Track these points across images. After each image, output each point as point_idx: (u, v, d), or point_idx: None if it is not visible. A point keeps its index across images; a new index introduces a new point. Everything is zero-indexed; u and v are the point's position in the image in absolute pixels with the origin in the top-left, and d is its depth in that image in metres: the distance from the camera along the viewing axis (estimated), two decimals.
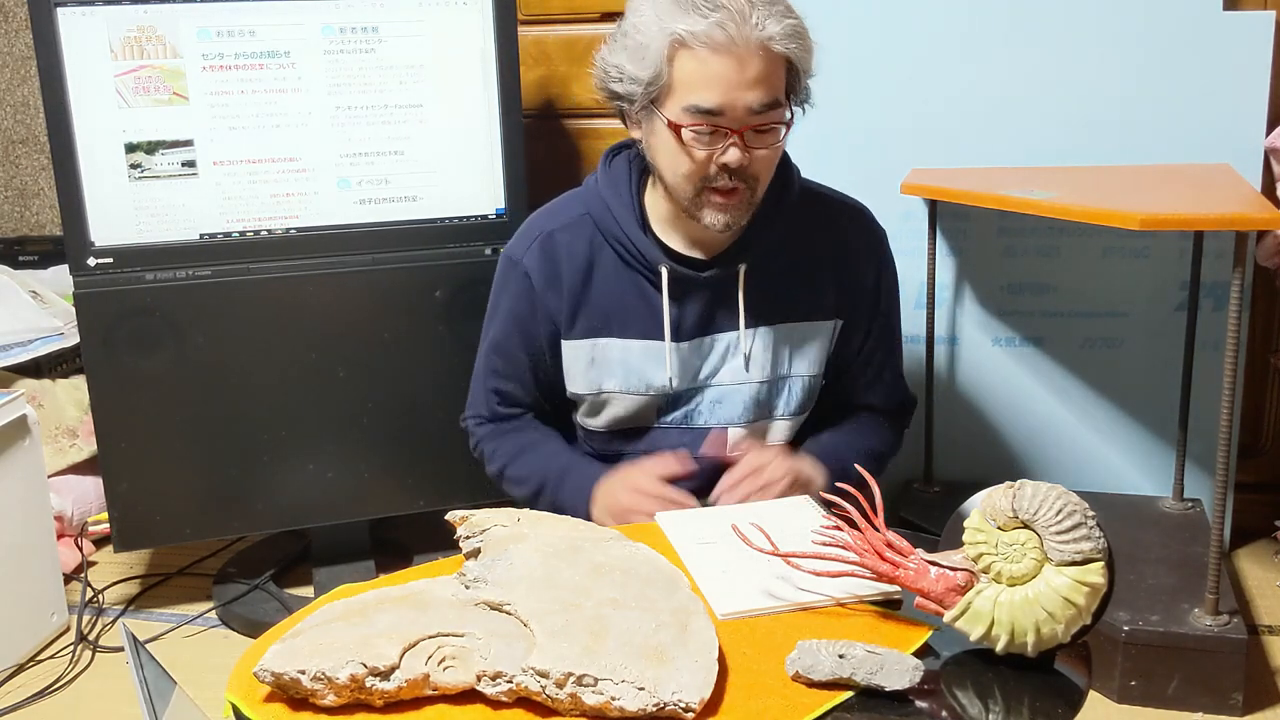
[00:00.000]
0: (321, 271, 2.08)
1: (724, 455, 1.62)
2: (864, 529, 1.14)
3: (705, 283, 1.56)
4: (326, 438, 2.14)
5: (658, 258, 1.55)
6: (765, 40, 1.39)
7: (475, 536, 1.19)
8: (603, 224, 1.58)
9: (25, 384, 2.42)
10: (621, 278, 1.58)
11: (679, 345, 1.58)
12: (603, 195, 1.58)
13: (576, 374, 1.62)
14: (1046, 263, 2.25)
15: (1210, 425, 2.09)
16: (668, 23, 1.39)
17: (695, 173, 1.45)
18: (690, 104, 1.41)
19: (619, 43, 1.47)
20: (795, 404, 1.63)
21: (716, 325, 1.59)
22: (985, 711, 1.02)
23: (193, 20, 1.94)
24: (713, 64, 1.39)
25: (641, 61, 1.42)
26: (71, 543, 2.33)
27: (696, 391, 1.61)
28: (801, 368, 1.62)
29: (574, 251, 1.59)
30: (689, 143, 1.43)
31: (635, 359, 1.59)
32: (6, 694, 1.96)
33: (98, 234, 1.98)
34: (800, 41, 1.43)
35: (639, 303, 1.58)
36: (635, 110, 1.48)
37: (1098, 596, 1.06)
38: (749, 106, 1.41)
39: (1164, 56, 2.12)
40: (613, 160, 1.62)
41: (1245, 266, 1.67)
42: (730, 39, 1.37)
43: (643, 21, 1.42)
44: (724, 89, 1.39)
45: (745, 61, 1.39)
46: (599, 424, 1.64)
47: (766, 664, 1.07)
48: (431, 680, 1.01)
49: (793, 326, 1.61)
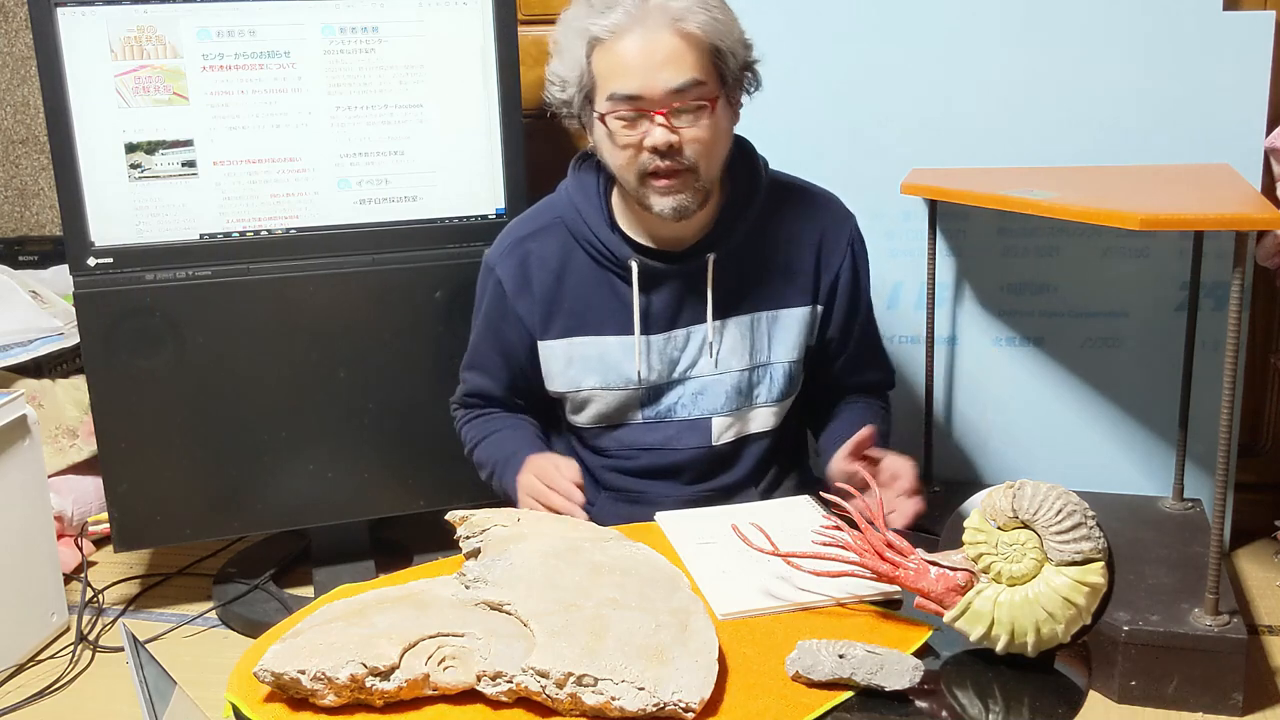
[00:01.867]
0: (321, 271, 2.08)
1: (708, 444, 1.64)
2: (864, 529, 1.14)
3: (674, 275, 1.59)
4: (326, 438, 2.14)
5: (626, 253, 1.58)
6: (673, 19, 1.43)
7: (475, 536, 1.19)
8: (574, 227, 1.62)
9: (25, 384, 2.42)
10: (594, 277, 1.61)
11: (651, 338, 1.61)
12: (573, 199, 1.63)
13: (555, 374, 1.65)
14: (1046, 263, 2.25)
15: (1210, 425, 2.09)
16: (582, 23, 1.47)
17: (630, 161, 1.49)
18: (610, 92, 1.46)
19: (553, 54, 1.53)
20: (778, 390, 1.65)
21: (688, 317, 1.61)
22: (985, 711, 1.03)
23: (193, 20, 1.94)
24: (622, 51, 1.44)
25: (568, 65, 1.50)
26: (71, 543, 2.33)
27: (677, 384, 1.63)
28: (780, 354, 1.64)
29: (546, 256, 1.63)
30: (615, 131, 1.48)
31: (612, 355, 1.61)
32: (6, 694, 1.96)
33: (98, 234, 1.98)
34: (709, 14, 1.45)
35: (612, 300, 1.61)
36: (578, 114, 1.54)
37: (1098, 596, 1.06)
38: (666, 87, 1.44)
39: (1164, 56, 2.12)
40: (581, 165, 1.66)
41: (1245, 266, 1.67)
42: (635, 22, 1.43)
43: (562, 28, 1.50)
44: (638, 73, 1.44)
45: (654, 42, 1.43)
46: (584, 420, 1.67)
47: (766, 664, 1.07)
48: (431, 680, 1.01)
49: (768, 314, 1.63)
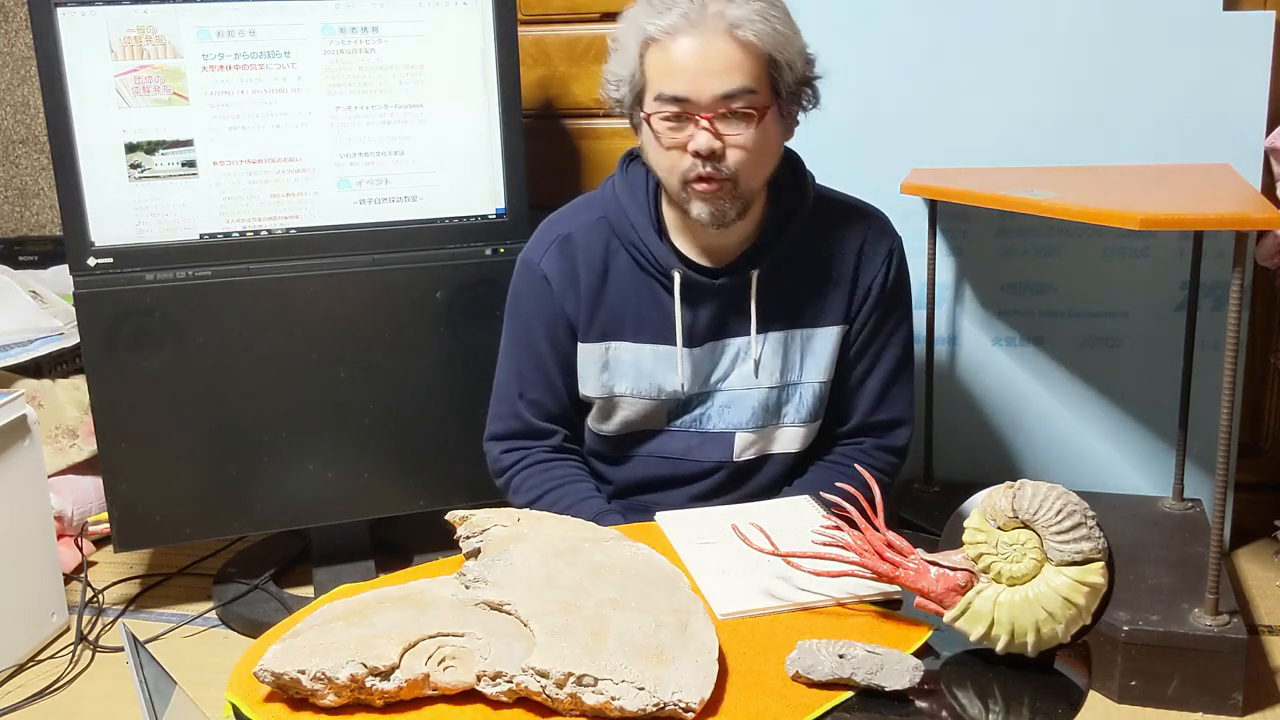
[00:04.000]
0: (321, 271, 2.08)
1: (729, 459, 1.62)
2: (864, 529, 1.14)
3: (718, 289, 1.57)
4: (326, 438, 2.14)
5: (672, 263, 1.55)
6: (729, 26, 1.41)
7: (475, 536, 1.19)
8: (619, 228, 1.58)
9: (25, 384, 2.42)
10: (636, 282, 1.58)
11: (691, 350, 1.59)
12: (620, 200, 1.59)
13: (589, 377, 1.62)
14: (1046, 263, 2.25)
15: (1210, 425, 2.09)
16: (639, 21, 1.45)
17: (673, 164, 1.47)
18: (659, 93, 1.45)
19: (611, 52, 1.52)
20: (806, 411, 1.62)
21: (728, 331, 1.59)
22: (985, 711, 1.02)
23: (193, 20, 1.94)
24: (675, 53, 1.43)
25: (623, 63, 1.48)
26: (71, 543, 2.33)
27: (707, 396, 1.62)
28: (812, 374, 1.61)
29: (590, 254, 1.59)
30: (660, 132, 1.46)
31: (647, 363, 1.59)
32: (6, 694, 1.96)
33: (98, 234, 1.98)
34: (768, 25, 1.43)
35: (652, 308, 1.58)
36: (629, 113, 1.52)
37: (1098, 596, 1.06)
38: (715, 93, 1.42)
39: (1164, 56, 2.12)
40: (630, 165, 1.62)
41: (1245, 266, 1.67)
42: (691, 24, 1.42)
43: (622, 26, 1.49)
44: (689, 76, 1.42)
45: (708, 47, 1.42)
46: (610, 428, 1.64)
47: (766, 664, 1.07)
48: (431, 680, 1.01)
49: (803, 332, 1.60)
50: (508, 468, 1.66)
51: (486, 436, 1.71)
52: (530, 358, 1.64)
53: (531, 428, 1.66)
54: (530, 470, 1.64)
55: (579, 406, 1.66)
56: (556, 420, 1.66)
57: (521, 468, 1.65)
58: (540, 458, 1.65)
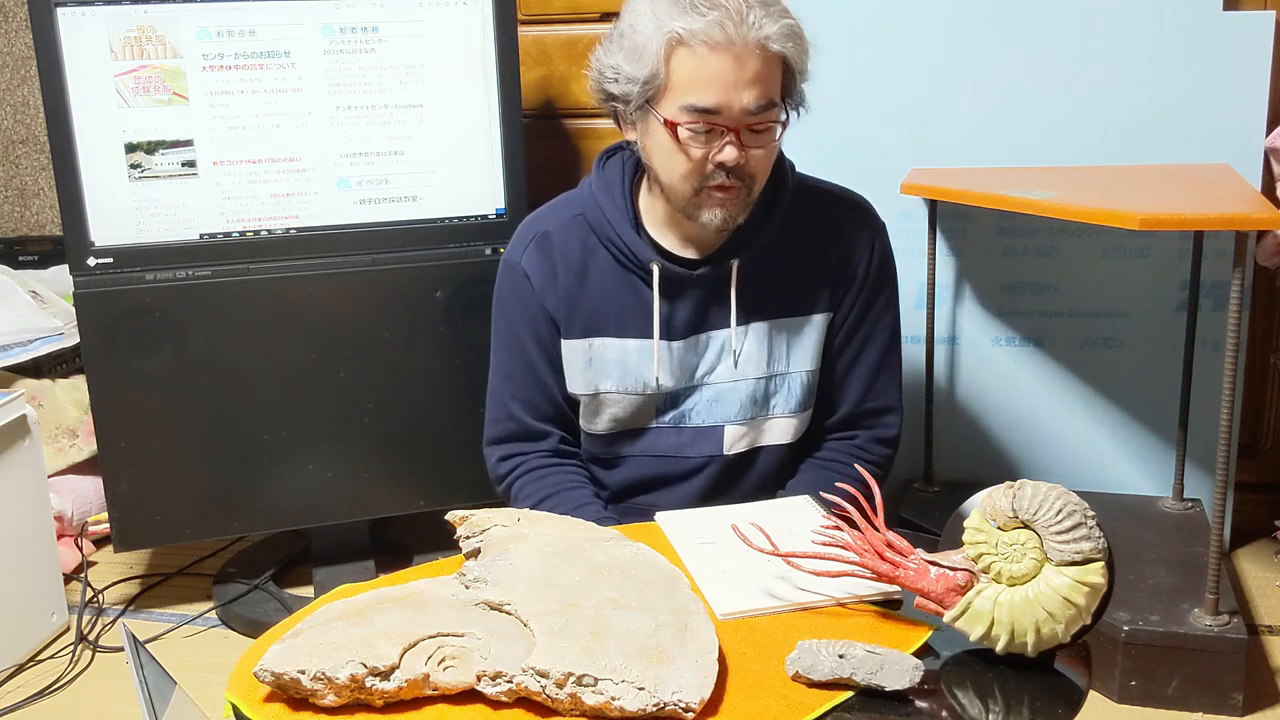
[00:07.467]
0: (321, 271, 2.08)
1: (720, 453, 1.62)
2: (864, 529, 1.14)
3: (697, 281, 1.56)
4: (326, 438, 2.14)
5: (649, 256, 1.55)
6: (763, 40, 1.39)
7: (475, 536, 1.19)
8: (596, 225, 1.58)
9: (25, 384, 2.42)
10: (616, 278, 1.58)
11: (672, 344, 1.58)
12: (596, 197, 1.59)
13: (575, 374, 1.61)
14: (1046, 263, 2.25)
15: (1210, 425, 2.09)
16: (665, 21, 1.40)
17: (693, 172, 1.46)
18: (688, 103, 1.41)
19: (615, 43, 1.47)
20: (795, 401, 1.62)
21: (710, 323, 1.59)
22: (985, 711, 1.02)
23: (193, 20, 1.94)
24: (710, 63, 1.39)
25: (639, 61, 1.43)
26: (71, 543, 2.33)
27: (693, 390, 1.61)
28: (799, 363, 1.61)
29: (568, 251, 1.59)
30: (686, 141, 1.44)
31: (631, 358, 1.59)
32: (6, 694, 1.96)
33: (98, 234, 1.98)
34: (797, 42, 1.43)
35: (633, 302, 1.58)
36: (631, 111, 1.48)
37: (1098, 596, 1.06)
38: (745, 106, 1.41)
39: (1164, 56, 2.12)
40: (607, 162, 1.62)
41: (1245, 266, 1.67)
42: (728, 38, 1.38)
43: (640, 21, 1.43)
44: (721, 88, 1.40)
45: (742, 61, 1.39)
46: (600, 427, 1.64)
47: (766, 664, 1.07)
48: (431, 680, 1.01)
49: (787, 322, 1.60)
50: (505, 475, 1.67)
51: (485, 441, 1.71)
52: (518, 358, 1.64)
53: (526, 429, 1.66)
54: (527, 477, 1.64)
55: (573, 405, 1.66)
56: (551, 420, 1.66)
57: (518, 475, 1.65)
58: (536, 464, 1.65)
